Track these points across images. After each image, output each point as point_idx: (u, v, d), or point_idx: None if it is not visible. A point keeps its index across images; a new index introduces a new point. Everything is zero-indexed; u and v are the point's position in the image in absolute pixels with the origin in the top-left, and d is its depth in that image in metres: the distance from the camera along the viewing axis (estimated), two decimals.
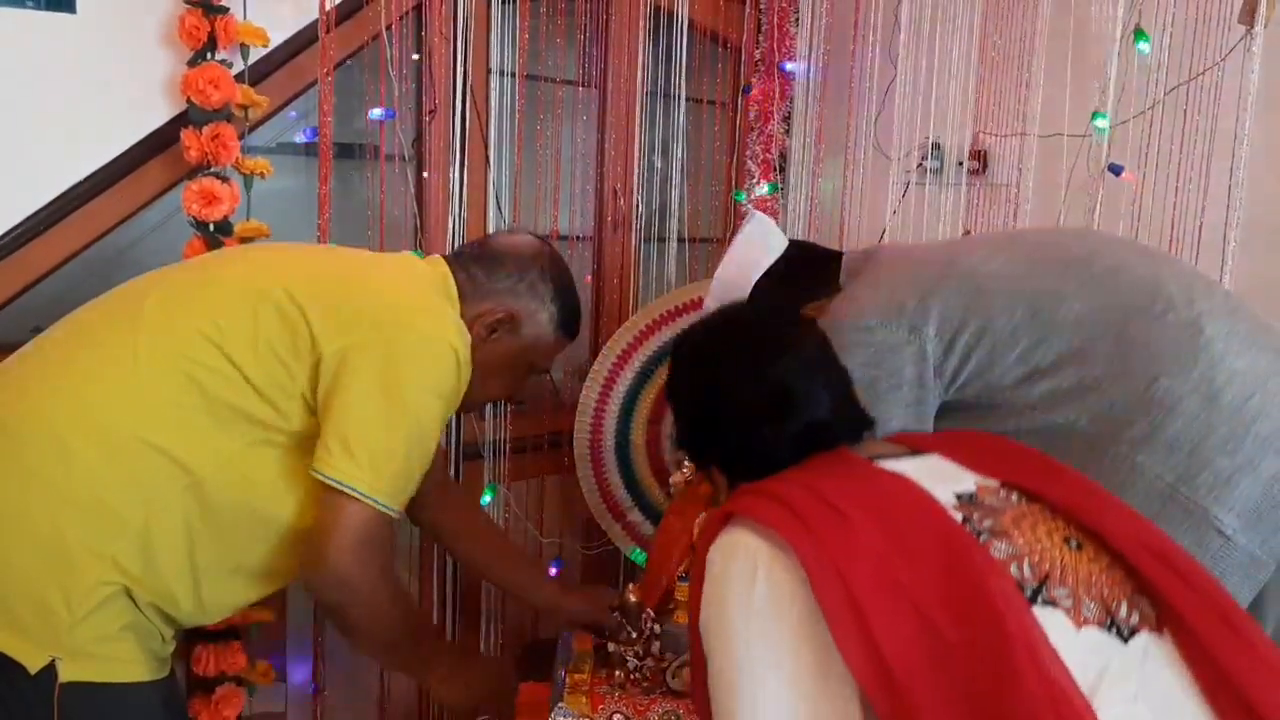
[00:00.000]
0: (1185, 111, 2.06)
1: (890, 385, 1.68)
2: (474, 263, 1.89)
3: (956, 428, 1.69)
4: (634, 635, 2.19)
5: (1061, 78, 2.27)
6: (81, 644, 1.56)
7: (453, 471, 2.53)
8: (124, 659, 1.60)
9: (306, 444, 1.65)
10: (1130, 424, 1.53)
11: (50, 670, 1.54)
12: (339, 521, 1.60)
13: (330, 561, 1.61)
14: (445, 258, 1.92)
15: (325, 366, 1.62)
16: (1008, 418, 1.63)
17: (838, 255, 1.98)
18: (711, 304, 2.04)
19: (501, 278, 1.87)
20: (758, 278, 2.00)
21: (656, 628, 2.20)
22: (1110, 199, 2.18)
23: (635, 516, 2.66)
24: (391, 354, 1.63)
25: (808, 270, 1.98)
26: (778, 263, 2.02)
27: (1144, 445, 1.51)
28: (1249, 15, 1.93)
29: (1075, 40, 2.22)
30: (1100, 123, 2.15)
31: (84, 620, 1.55)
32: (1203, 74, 2.02)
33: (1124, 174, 2.15)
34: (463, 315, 1.82)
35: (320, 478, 1.60)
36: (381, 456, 1.61)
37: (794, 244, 2.08)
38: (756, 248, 2.05)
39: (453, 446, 2.57)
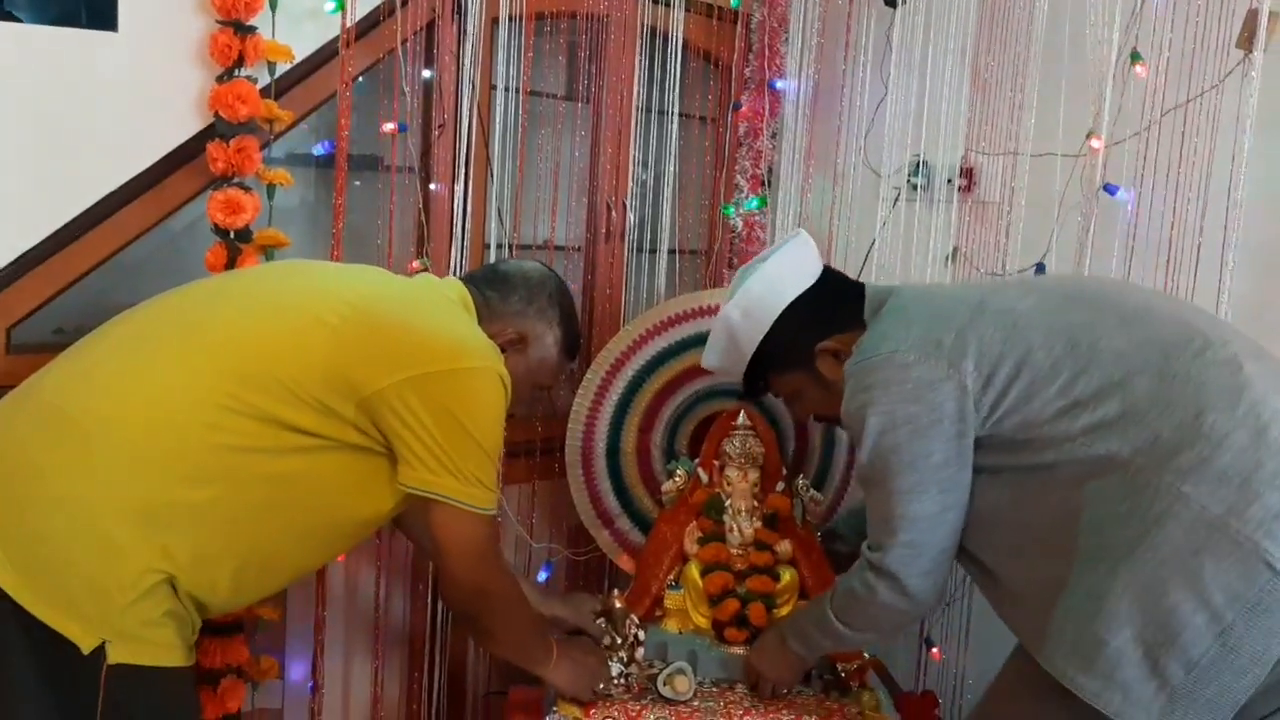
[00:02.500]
0: (1183, 133, 2.12)
1: (932, 420, 1.73)
2: (488, 285, 2.05)
3: (994, 462, 1.75)
4: (618, 641, 2.25)
5: (1055, 98, 2.32)
6: (130, 627, 1.64)
7: None
8: (165, 644, 1.68)
9: (359, 452, 1.76)
10: (1177, 454, 1.56)
11: (100, 651, 1.61)
12: (464, 536, 1.81)
13: (468, 576, 1.84)
14: (461, 279, 2.07)
15: (383, 399, 1.72)
16: (1047, 450, 1.67)
17: (863, 288, 2.03)
18: (735, 313, 2.08)
19: (514, 301, 2.05)
20: (792, 297, 2.05)
21: (640, 634, 2.26)
22: (1103, 218, 2.25)
23: (623, 524, 2.68)
24: (458, 387, 1.77)
25: (837, 302, 2.02)
26: (811, 289, 2.07)
27: (1191, 476, 1.54)
28: (1247, 40, 2.00)
29: (1070, 61, 2.28)
30: (1095, 143, 2.22)
31: (132, 605, 1.63)
32: (1200, 96, 2.09)
33: (1119, 194, 2.21)
34: None
35: (428, 494, 1.76)
36: (474, 470, 1.77)
37: (827, 271, 2.12)
38: (794, 268, 2.09)
39: None
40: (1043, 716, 1.66)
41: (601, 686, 2.16)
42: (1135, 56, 2.17)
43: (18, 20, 2.03)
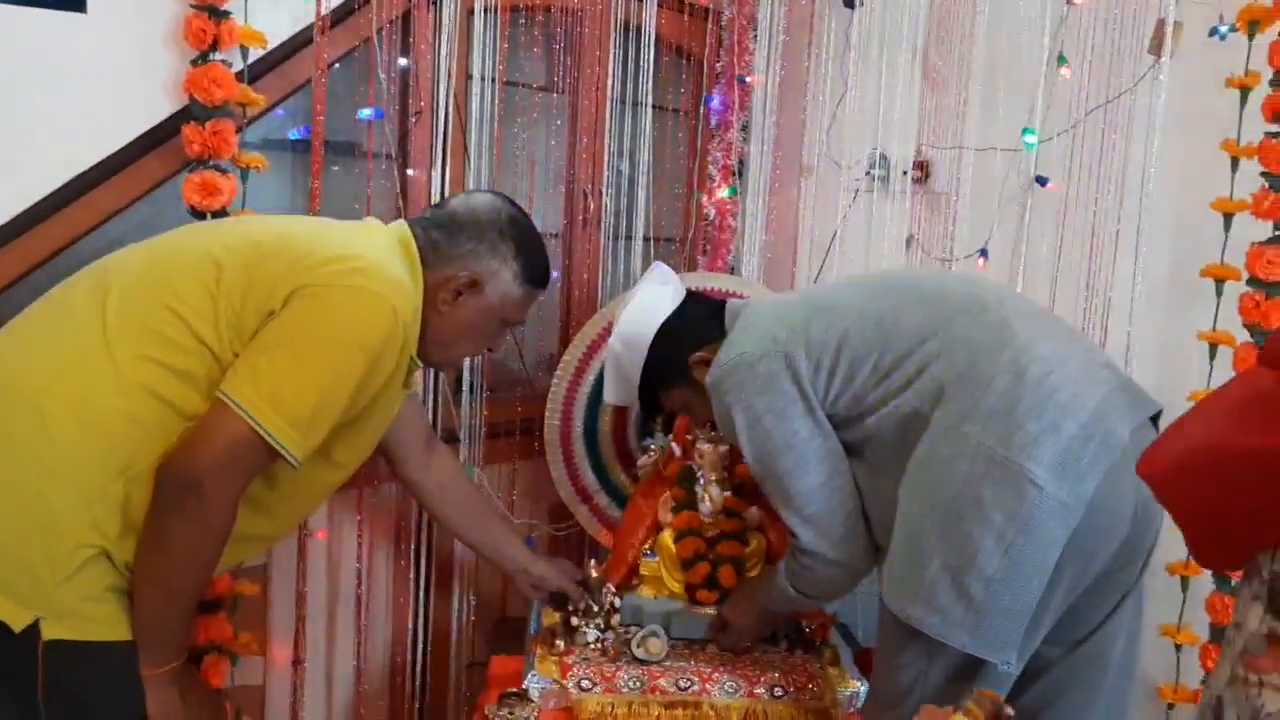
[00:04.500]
0: (1103, 131, 2.26)
1: (787, 403, 1.93)
2: (435, 228, 1.91)
3: (845, 440, 1.96)
4: (595, 609, 2.33)
5: (995, 96, 2.46)
6: (65, 604, 1.59)
7: None
8: (106, 619, 1.63)
9: None
10: (957, 400, 1.78)
11: (34, 629, 1.56)
12: (217, 428, 1.59)
13: (192, 459, 1.59)
14: (409, 221, 1.94)
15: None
16: (870, 417, 1.90)
17: (723, 305, 2.20)
18: (618, 344, 2.27)
19: (462, 241, 1.90)
20: (660, 321, 2.22)
21: (616, 601, 2.34)
22: (1038, 207, 2.38)
23: (601, 500, 2.78)
24: (323, 303, 1.65)
25: (701, 318, 2.20)
26: (677, 311, 2.25)
27: (969, 417, 1.76)
28: (1157, 46, 2.14)
29: (1008, 63, 2.41)
30: (1029, 138, 2.35)
31: (66, 581, 1.58)
32: (1118, 98, 2.23)
33: (1049, 185, 2.35)
34: (427, 280, 1.86)
35: (219, 394, 1.60)
36: (286, 394, 1.61)
37: (690, 294, 2.31)
38: (657, 295, 2.28)
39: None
40: (902, 651, 1.84)
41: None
42: (1061, 60, 2.30)
43: None
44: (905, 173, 2.72)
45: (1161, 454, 0.82)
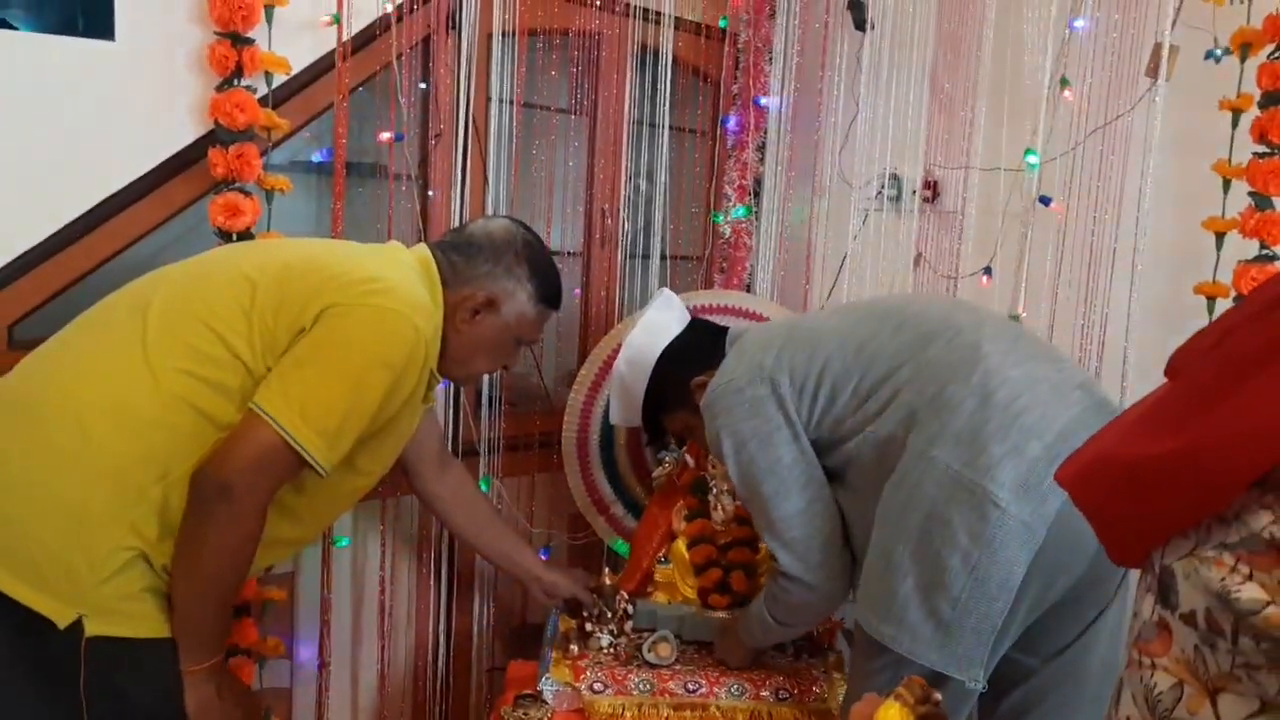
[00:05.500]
0: (1102, 152, 2.30)
1: (771, 429, 1.99)
2: (454, 250, 2.03)
3: (828, 466, 2.01)
4: (609, 615, 2.39)
5: (1000, 117, 2.50)
6: (106, 602, 1.68)
7: None
8: (145, 617, 1.72)
9: None
10: (927, 425, 1.82)
11: (77, 626, 1.66)
12: (250, 438, 1.69)
13: (224, 466, 1.68)
14: (429, 244, 2.05)
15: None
16: (850, 442, 1.95)
17: (725, 330, 2.27)
18: (623, 366, 2.32)
19: (479, 263, 2.01)
20: (663, 346, 2.28)
21: (630, 608, 2.40)
22: (1040, 226, 2.43)
23: (618, 510, 2.84)
24: (351, 321, 1.76)
25: (704, 343, 2.26)
26: (680, 336, 2.30)
27: (937, 441, 1.79)
28: (1154, 69, 2.18)
29: (1011, 85, 2.46)
30: (1032, 159, 2.40)
31: (107, 581, 1.67)
32: (1116, 120, 2.28)
33: (1052, 204, 2.39)
34: (447, 299, 1.97)
35: (252, 405, 1.70)
36: (315, 406, 1.71)
37: (694, 319, 2.37)
38: (662, 320, 2.34)
39: (450, 443, 2.73)
40: (874, 659, 1.88)
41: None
42: (1064, 82, 2.34)
43: (15, 29, 2.06)
44: (914, 192, 2.77)
45: (1073, 461, 0.88)
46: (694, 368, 2.21)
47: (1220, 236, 2.15)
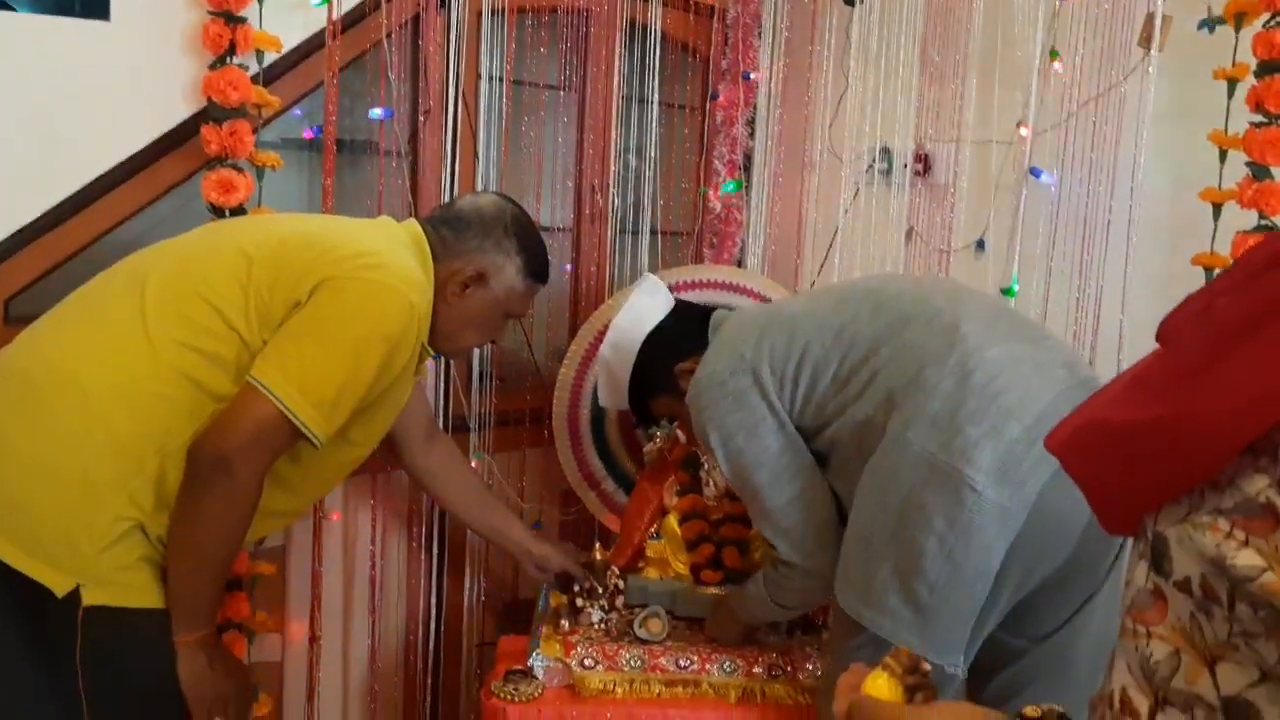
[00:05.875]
0: (1094, 123, 2.30)
1: (757, 420, 1.98)
2: (444, 225, 2.06)
3: (815, 451, 2.01)
4: (600, 590, 2.40)
5: (991, 89, 2.50)
6: (103, 572, 1.70)
7: None
8: (141, 587, 1.75)
9: None
10: (902, 407, 1.81)
11: (75, 595, 1.68)
12: (247, 410, 1.71)
13: (222, 438, 1.70)
14: (419, 220, 2.08)
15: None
16: (830, 426, 1.94)
17: (709, 314, 2.26)
18: (608, 350, 2.32)
19: (469, 238, 2.04)
20: (649, 330, 2.27)
21: (620, 583, 2.40)
22: (1034, 199, 2.43)
23: (609, 486, 2.84)
24: (346, 295, 1.78)
25: (688, 328, 2.25)
26: (664, 322, 2.29)
27: (913, 423, 1.78)
28: (1146, 39, 2.17)
29: (1002, 56, 2.46)
30: (1024, 131, 2.40)
31: (105, 551, 1.70)
32: (1109, 91, 2.27)
33: (1044, 176, 2.40)
34: (437, 273, 2.00)
35: (248, 378, 1.72)
36: (312, 379, 1.73)
37: (679, 303, 2.36)
38: (646, 306, 2.33)
39: (441, 418, 2.74)
40: (853, 636, 1.89)
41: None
42: (1054, 54, 2.34)
43: (12, 10, 2.09)
44: (905, 165, 2.77)
45: (1063, 428, 0.87)
46: (678, 354, 2.21)
47: (1217, 207, 2.13)
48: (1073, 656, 1.89)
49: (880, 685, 1.01)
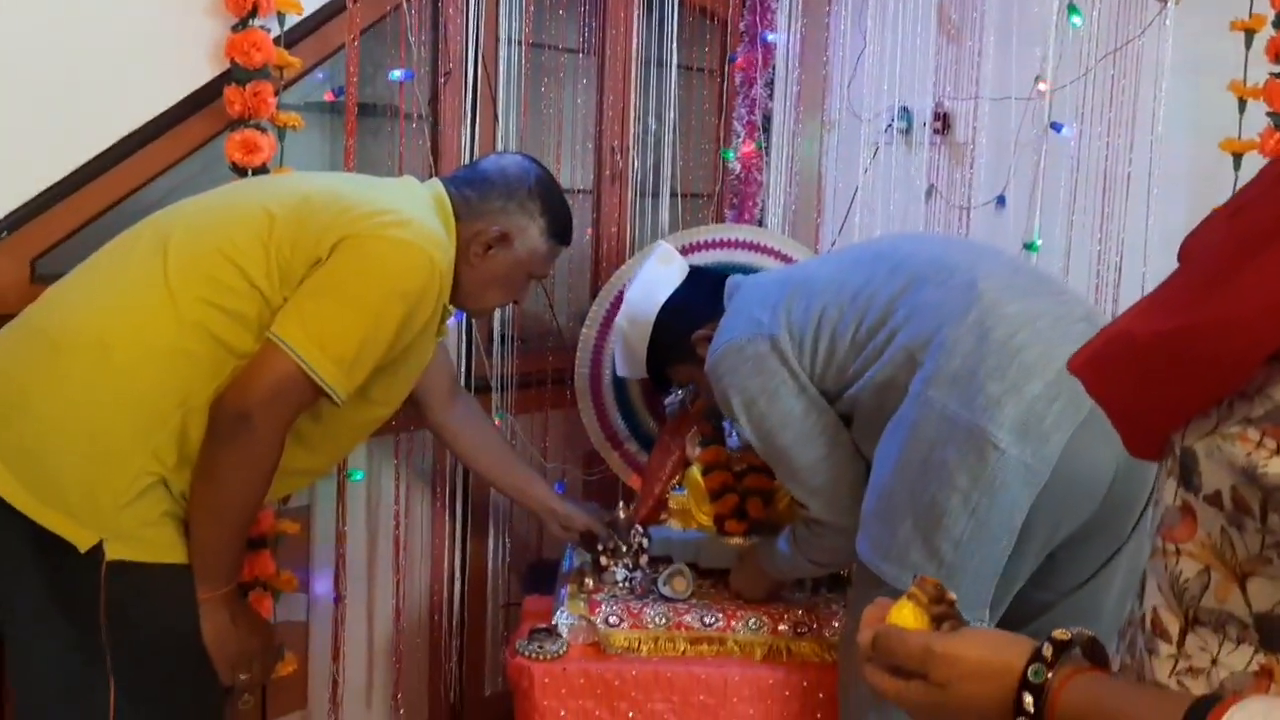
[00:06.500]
0: (1113, 76, 2.29)
1: (778, 383, 1.99)
2: (467, 185, 2.06)
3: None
4: (624, 549, 2.40)
5: (1009, 46, 2.50)
6: (126, 527, 1.71)
7: None
8: (165, 542, 1.76)
9: None
10: (923, 366, 1.81)
11: (98, 550, 1.70)
12: (267, 367, 1.73)
13: (243, 395, 1.72)
14: (442, 179, 2.09)
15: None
16: (851, 388, 1.95)
17: (724, 278, 2.26)
18: (624, 322, 2.34)
19: (493, 199, 2.05)
20: (662, 300, 2.28)
21: (645, 542, 2.40)
22: (1053, 154, 2.42)
23: (632, 446, 2.84)
24: (366, 252, 1.79)
25: (703, 298, 2.26)
26: (679, 290, 2.30)
27: (933, 381, 1.79)
28: None
29: (1019, 12, 2.45)
30: (1043, 86, 2.39)
31: (128, 506, 1.71)
32: (1127, 44, 2.26)
33: (1065, 130, 2.39)
34: (460, 233, 2.00)
35: (269, 335, 1.74)
36: (332, 335, 1.74)
37: (693, 270, 2.36)
38: (661, 273, 2.34)
39: (463, 379, 2.74)
40: (877, 590, 1.86)
41: (243, 677, 1.90)
42: (1072, 10, 2.33)
43: None
44: (925, 124, 2.76)
45: (1085, 349, 0.87)
46: (694, 322, 2.22)
47: (1238, 157, 2.13)
48: (1099, 610, 1.89)
49: (905, 615, 1.00)
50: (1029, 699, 0.84)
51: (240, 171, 2.26)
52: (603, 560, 2.43)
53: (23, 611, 1.77)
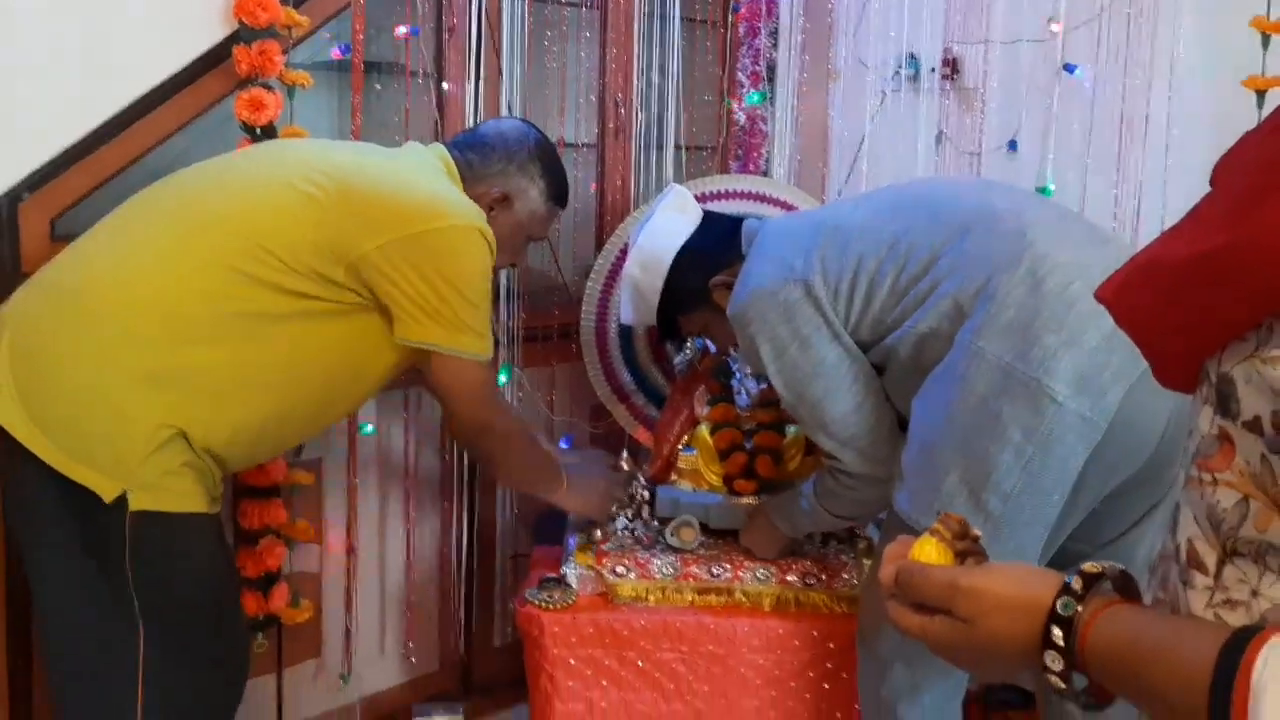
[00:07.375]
0: (1129, 15, 2.24)
1: (810, 330, 1.94)
2: (469, 149, 2.15)
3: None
4: (628, 499, 2.42)
5: None
6: (149, 478, 1.77)
7: None
8: (186, 492, 1.81)
9: (359, 310, 1.88)
10: (973, 316, 1.76)
11: (122, 500, 1.75)
12: (462, 379, 1.95)
13: (470, 415, 1.99)
14: (444, 144, 2.16)
15: (368, 262, 1.83)
16: (887, 338, 1.90)
17: (740, 222, 2.22)
18: (635, 269, 2.28)
19: (494, 162, 2.14)
20: (678, 246, 2.24)
21: (645, 494, 2.42)
22: (1066, 97, 2.39)
23: (638, 400, 2.83)
24: (439, 244, 1.88)
25: (720, 241, 2.22)
26: (695, 234, 2.26)
27: (984, 332, 1.74)
28: None
29: None
30: (1056, 27, 2.35)
31: (149, 457, 1.76)
32: None
33: (1078, 71, 2.35)
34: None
35: (426, 346, 1.89)
36: (466, 321, 1.90)
37: (707, 215, 2.32)
38: (674, 218, 2.29)
39: None
40: None
41: (615, 508, 2.38)
42: None
43: None
44: (933, 70, 2.73)
45: (1114, 277, 0.84)
46: (713, 268, 2.18)
47: (1261, 94, 2.07)
48: (1131, 562, 1.86)
49: (929, 550, 0.98)
50: (1058, 632, 0.82)
51: (249, 130, 2.29)
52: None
53: (52, 563, 1.81)
